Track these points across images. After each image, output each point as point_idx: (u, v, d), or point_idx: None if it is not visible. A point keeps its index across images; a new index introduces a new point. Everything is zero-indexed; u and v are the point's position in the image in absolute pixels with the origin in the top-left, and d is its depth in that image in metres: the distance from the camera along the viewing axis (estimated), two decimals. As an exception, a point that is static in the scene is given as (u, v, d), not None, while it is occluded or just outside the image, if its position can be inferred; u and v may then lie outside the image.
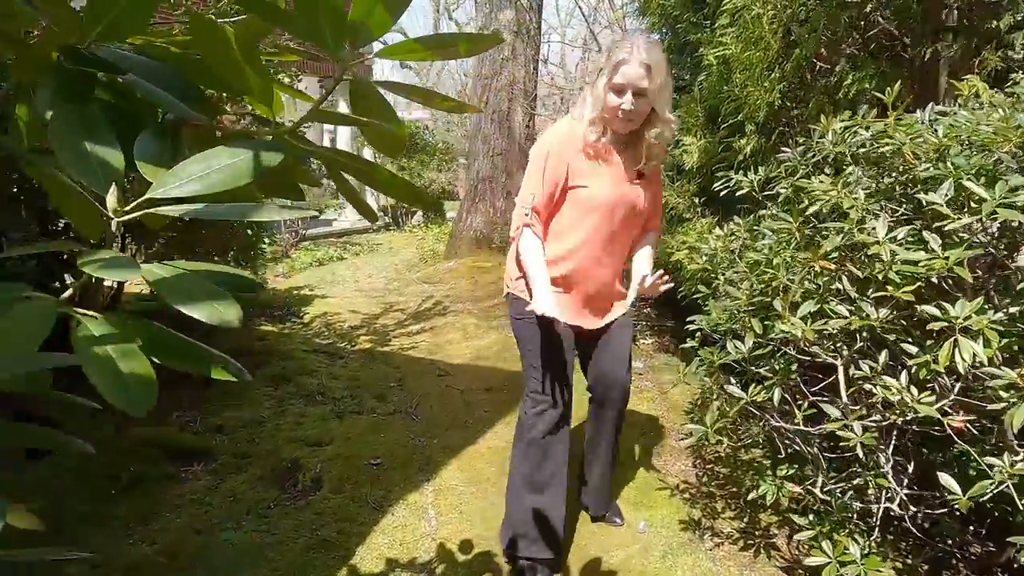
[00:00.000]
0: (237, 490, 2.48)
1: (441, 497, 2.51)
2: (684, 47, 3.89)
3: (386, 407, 3.34)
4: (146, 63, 0.72)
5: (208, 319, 0.49)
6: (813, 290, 1.71)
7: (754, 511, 2.34)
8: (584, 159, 1.87)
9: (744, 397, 1.76)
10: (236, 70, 0.70)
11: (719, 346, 2.16)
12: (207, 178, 0.59)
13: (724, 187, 2.40)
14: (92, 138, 0.57)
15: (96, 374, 0.45)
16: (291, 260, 7.53)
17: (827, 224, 1.73)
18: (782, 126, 2.75)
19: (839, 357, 1.68)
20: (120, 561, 2.07)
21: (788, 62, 2.43)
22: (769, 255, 1.90)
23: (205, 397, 3.37)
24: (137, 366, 0.47)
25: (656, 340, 4.14)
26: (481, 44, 0.87)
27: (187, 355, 0.53)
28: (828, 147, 2.00)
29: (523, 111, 7.00)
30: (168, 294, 0.49)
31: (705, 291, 2.43)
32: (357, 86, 0.85)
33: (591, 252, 1.95)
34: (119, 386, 0.45)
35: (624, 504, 2.43)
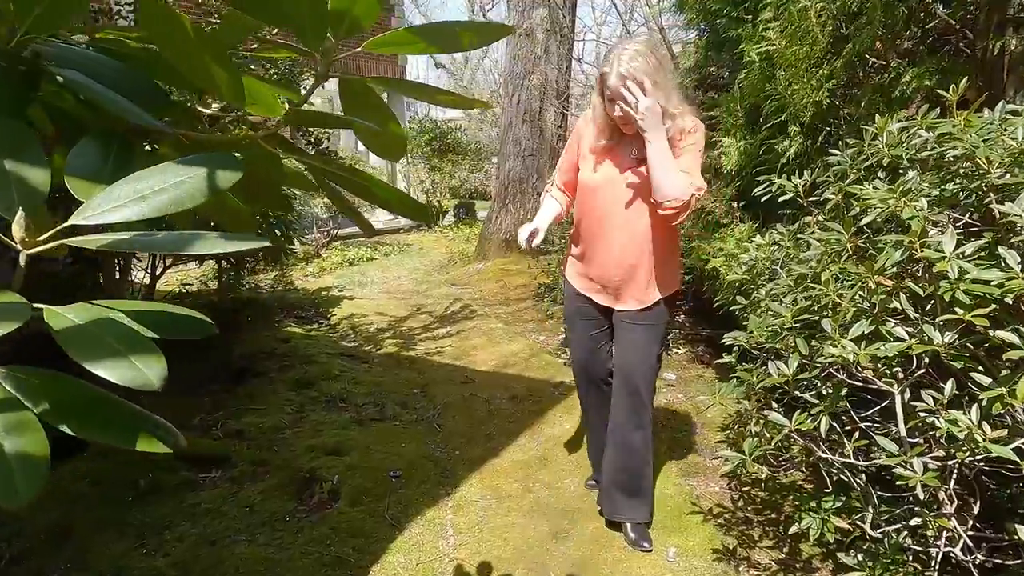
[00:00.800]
0: (253, 500, 2.42)
1: (461, 514, 2.41)
2: (723, 44, 3.70)
3: (408, 415, 3.25)
4: (98, 59, 0.62)
5: (121, 380, 0.39)
6: (866, 309, 1.54)
7: (795, 541, 2.17)
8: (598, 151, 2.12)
9: (787, 425, 1.61)
10: (196, 63, 0.60)
11: (759, 363, 2.00)
12: (149, 200, 0.49)
13: (765, 192, 2.23)
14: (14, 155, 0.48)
15: (-34, 453, 0.35)
16: (321, 260, 7.55)
17: (884, 236, 1.56)
18: (830, 127, 2.56)
19: (896, 384, 1.51)
20: (132, 573, 2.02)
21: (838, 58, 2.25)
22: (816, 268, 1.74)
23: (228, 400, 3.35)
24: (28, 444, 0.37)
25: (689, 350, 3.96)
26: (488, 35, 0.75)
27: (108, 422, 0.43)
28: (883, 150, 1.82)
29: (555, 111, 6.86)
30: (73, 348, 0.39)
31: (743, 302, 2.27)
32: (348, 84, 0.75)
33: (591, 229, 2.17)
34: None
35: (653, 528, 2.29)
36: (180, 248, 0.45)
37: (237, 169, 0.53)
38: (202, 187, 0.51)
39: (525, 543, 2.22)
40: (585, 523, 2.32)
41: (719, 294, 3.08)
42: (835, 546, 1.96)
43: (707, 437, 2.95)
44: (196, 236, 0.46)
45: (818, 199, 2.06)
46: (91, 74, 0.60)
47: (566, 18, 6.81)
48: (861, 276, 1.51)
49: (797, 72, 2.39)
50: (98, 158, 0.54)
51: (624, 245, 2.10)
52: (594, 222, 2.14)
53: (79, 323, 0.41)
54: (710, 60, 3.93)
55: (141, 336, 0.42)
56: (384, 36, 0.70)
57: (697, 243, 3.34)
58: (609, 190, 2.07)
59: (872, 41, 2.16)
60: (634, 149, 2.04)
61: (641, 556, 2.15)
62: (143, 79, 0.65)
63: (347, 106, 0.77)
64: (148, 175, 0.50)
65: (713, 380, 3.53)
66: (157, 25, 0.56)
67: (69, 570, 2.06)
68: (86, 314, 0.43)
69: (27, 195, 0.46)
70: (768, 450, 1.76)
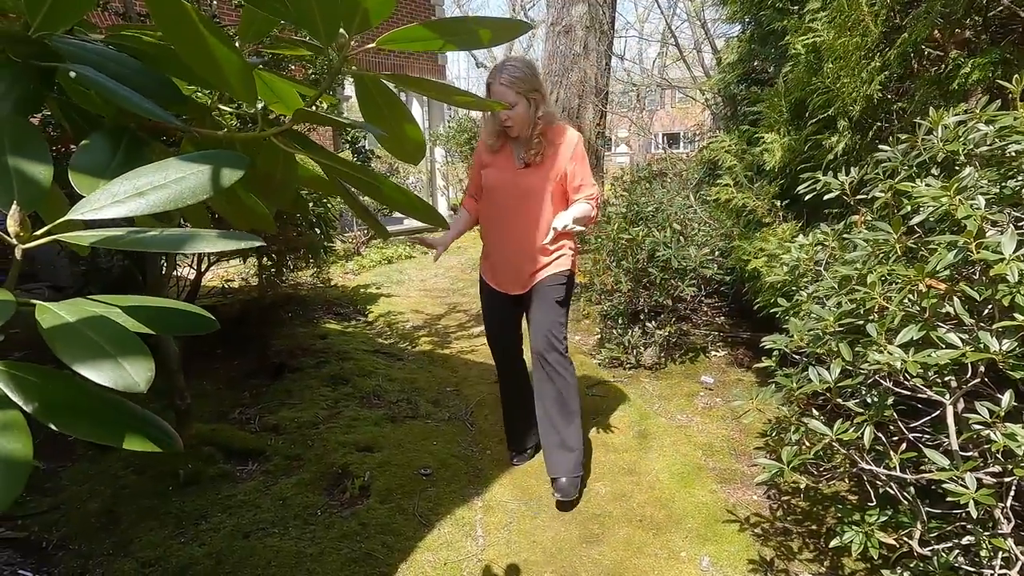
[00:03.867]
0: (286, 493, 2.46)
1: (490, 514, 2.39)
2: (767, 37, 3.58)
3: (441, 413, 3.26)
4: (112, 56, 0.62)
5: (105, 381, 0.38)
6: (916, 313, 1.46)
7: (837, 555, 2.08)
8: (489, 154, 2.45)
9: (829, 434, 1.53)
10: (208, 59, 0.59)
11: (799, 368, 1.92)
12: (148, 196, 0.48)
13: (810, 190, 2.14)
14: (16, 150, 0.48)
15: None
16: (361, 258, 7.66)
17: (937, 237, 1.47)
18: (880, 122, 2.44)
19: (947, 394, 1.42)
20: (170, 561, 2.08)
21: (891, 49, 2.13)
22: (862, 270, 1.65)
23: (266, 394, 3.42)
24: (10, 445, 0.36)
25: (728, 353, 3.85)
26: (506, 31, 0.72)
27: (98, 420, 0.42)
28: (937, 145, 1.72)
29: (594, 108, 6.78)
30: (59, 346, 0.38)
31: (784, 304, 2.18)
32: (363, 81, 0.73)
33: (492, 226, 2.50)
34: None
35: (686, 535, 2.23)
36: (174, 247, 0.44)
37: (240, 166, 0.52)
38: (204, 184, 0.50)
39: (555, 546, 2.19)
40: (616, 528, 2.28)
41: (760, 296, 2.97)
42: (880, 562, 1.86)
43: (745, 443, 2.86)
44: (191, 234, 0.45)
45: (866, 197, 1.96)
46: (106, 71, 0.60)
47: (606, 14, 6.73)
48: (911, 279, 1.42)
49: (847, 64, 2.28)
50: (105, 154, 0.54)
51: (525, 241, 2.39)
52: (491, 221, 2.49)
53: (69, 320, 0.41)
54: (754, 54, 3.80)
55: (131, 336, 0.41)
56: (400, 31, 0.68)
57: (738, 243, 3.24)
58: (502, 192, 2.40)
59: (929, 30, 2.04)
60: (521, 152, 2.36)
61: (674, 564, 2.10)
62: (157, 76, 0.65)
63: (363, 104, 0.75)
64: (148, 172, 0.49)
65: (753, 384, 3.42)
66: (165, 17, 0.56)
67: (112, 556, 2.13)
68: (78, 312, 0.42)
69: (27, 190, 0.46)
70: (808, 459, 1.68)
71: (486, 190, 2.46)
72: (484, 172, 2.46)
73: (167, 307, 0.51)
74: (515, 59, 2.33)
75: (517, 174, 2.38)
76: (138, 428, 0.43)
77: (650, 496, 2.47)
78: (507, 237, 2.44)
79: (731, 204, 3.23)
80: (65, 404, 0.41)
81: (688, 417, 3.14)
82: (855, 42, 2.20)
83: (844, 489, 2.41)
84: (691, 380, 3.56)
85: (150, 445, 0.43)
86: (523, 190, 2.37)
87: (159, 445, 0.44)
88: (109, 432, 0.42)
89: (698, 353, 3.86)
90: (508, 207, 2.41)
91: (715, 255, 3.60)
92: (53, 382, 0.42)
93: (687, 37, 13.76)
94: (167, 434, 0.45)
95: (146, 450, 0.43)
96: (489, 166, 2.45)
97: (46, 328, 0.40)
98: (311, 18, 0.62)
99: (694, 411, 3.20)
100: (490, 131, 2.40)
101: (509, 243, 2.44)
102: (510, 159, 2.40)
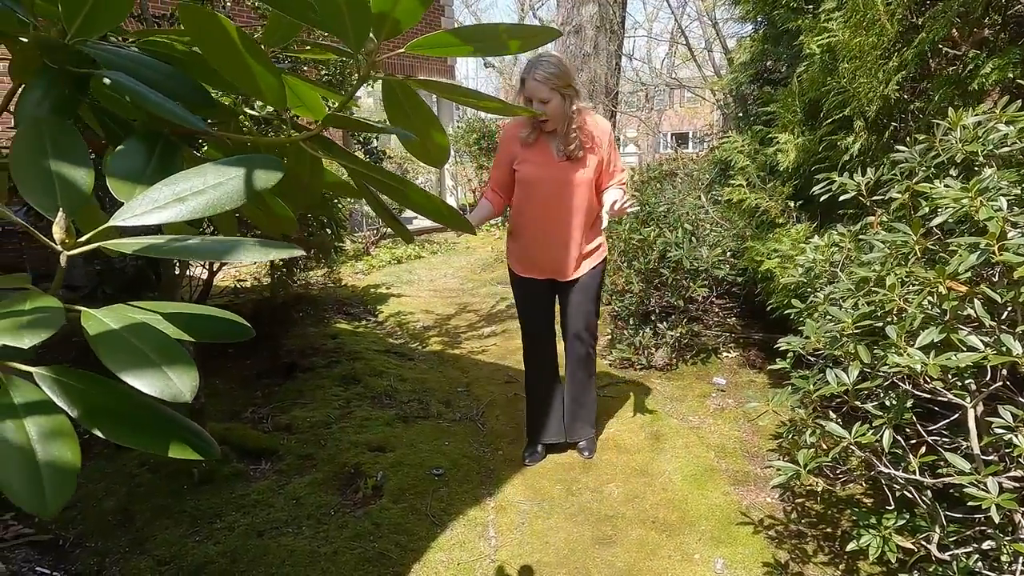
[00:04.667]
0: (300, 493, 2.47)
1: (503, 515, 2.39)
2: (781, 37, 3.56)
3: (452, 413, 3.26)
4: (145, 61, 0.63)
5: (153, 391, 0.38)
6: (936, 316, 1.44)
7: (853, 559, 2.06)
8: (521, 148, 2.44)
9: (847, 437, 1.52)
10: (239, 66, 0.60)
11: (815, 370, 1.91)
12: (188, 202, 0.48)
13: (825, 191, 2.13)
14: (59, 154, 0.48)
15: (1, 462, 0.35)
16: (370, 258, 7.68)
17: (957, 239, 1.46)
18: (897, 122, 2.42)
19: (968, 397, 1.41)
20: (186, 559, 2.09)
21: (908, 48, 2.11)
22: (880, 271, 1.64)
23: (278, 394, 3.44)
24: (60, 451, 0.37)
25: (740, 354, 3.83)
26: (535, 38, 0.73)
27: (142, 428, 0.42)
28: (956, 145, 1.70)
29: (604, 108, 6.76)
30: (107, 355, 0.39)
31: (799, 306, 2.17)
32: (390, 86, 0.73)
33: (533, 219, 2.51)
34: (27, 480, 0.35)
35: (700, 537, 2.22)
36: (218, 256, 0.45)
37: (276, 170, 0.52)
38: (241, 189, 0.50)
39: (568, 547, 2.19)
40: (629, 529, 2.27)
41: (773, 297, 2.96)
42: (897, 566, 1.85)
43: (758, 445, 2.84)
44: (234, 244, 0.45)
45: (882, 198, 1.95)
46: (138, 76, 0.60)
47: (616, 14, 6.70)
48: (931, 280, 1.41)
49: (863, 64, 2.27)
50: (141, 159, 0.54)
51: (567, 231, 2.47)
52: (531, 214, 2.50)
53: (114, 328, 0.41)
54: (767, 54, 3.78)
55: (175, 345, 0.42)
56: (428, 38, 0.69)
57: (750, 244, 3.23)
58: (542, 185, 2.43)
59: (947, 29, 2.02)
60: (560, 145, 2.40)
61: (688, 566, 2.09)
62: (188, 81, 0.65)
63: (389, 108, 0.76)
64: (187, 177, 0.49)
65: (765, 386, 3.41)
66: (197, 27, 0.56)
67: (128, 554, 2.15)
68: (122, 319, 0.42)
69: (70, 196, 0.47)
70: (824, 462, 1.67)
71: (523, 183, 2.46)
72: (519, 167, 2.45)
73: (205, 314, 0.51)
74: (548, 55, 2.33)
75: (558, 168, 2.41)
76: (180, 436, 0.44)
77: (663, 498, 2.46)
78: (550, 229, 2.48)
79: (744, 205, 3.21)
80: (109, 410, 0.42)
81: (700, 418, 3.13)
82: (871, 41, 2.18)
83: (859, 492, 2.39)
84: (703, 381, 3.54)
85: (193, 454, 0.44)
86: (566, 183, 2.41)
87: (201, 453, 0.44)
88: (154, 440, 0.42)
89: (709, 354, 3.84)
90: (550, 200, 2.44)
91: (727, 256, 3.59)
92: (97, 388, 0.43)
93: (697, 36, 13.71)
94: (207, 442, 0.45)
95: (189, 458, 0.44)
96: (525, 160, 2.44)
97: (92, 335, 0.40)
98: (341, 24, 0.62)
99: (706, 412, 3.19)
100: (524, 123, 2.42)
101: (553, 235, 2.49)
102: (547, 153, 2.41)
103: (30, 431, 0.37)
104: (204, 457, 0.44)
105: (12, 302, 0.39)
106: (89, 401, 0.41)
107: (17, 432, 0.37)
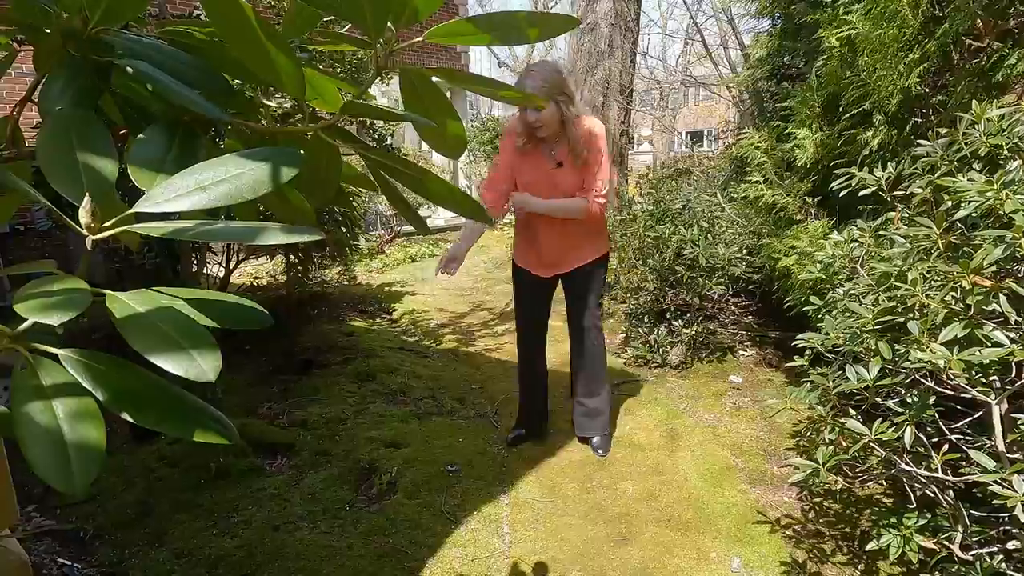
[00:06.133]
0: (315, 488, 2.49)
1: (516, 511, 2.39)
2: (799, 32, 3.52)
3: (466, 411, 3.27)
4: (166, 51, 0.63)
5: (178, 371, 0.38)
6: (960, 311, 1.42)
7: (872, 559, 2.03)
8: (518, 155, 2.52)
9: (867, 434, 1.50)
10: (260, 55, 0.60)
11: (834, 367, 1.88)
12: (209, 191, 0.49)
13: (844, 186, 2.10)
14: (84, 145, 0.49)
15: (30, 441, 0.35)
16: (385, 256, 7.72)
17: (981, 232, 1.43)
18: (917, 117, 2.38)
19: (993, 394, 1.38)
20: (203, 552, 2.12)
21: (930, 40, 2.08)
22: (902, 267, 1.61)
23: (294, 390, 3.47)
24: (87, 432, 0.37)
25: (757, 352, 3.80)
26: (554, 27, 0.72)
27: (167, 412, 0.42)
28: (980, 138, 1.67)
29: (619, 107, 6.73)
30: (134, 336, 0.39)
31: (817, 303, 2.15)
32: (408, 75, 0.73)
33: (535, 218, 2.59)
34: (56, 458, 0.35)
35: (716, 536, 2.20)
36: (244, 238, 0.45)
37: (296, 164, 0.52)
38: (262, 179, 0.50)
39: (582, 545, 2.18)
40: (645, 528, 2.26)
41: (790, 294, 2.92)
42: (918, 566, 1.82)
43: (775, 444, 2.82)
44: (260, 227, 0.46)
45: (903, 193, 1.92)
46: (159, 65, 0.61)
47: (631, 11, 6.67)
48: (954, 275, 1.39)
49: (883, 57, 2.23)
50: (161, 148, 0.55)
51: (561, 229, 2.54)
52: (533, 214, 2.57)
53: (140, 311, 0.41)
54: (784, 49, 3.74)
55: (199, 327, 0.42)
56: (445, 26, 0.68)
57: (767, 241, 3.19)
58: (537, 188, 2.50)
59: (971, 21, 1.98)
60: (552, 150, 2.47)
61: (704, 565, 2.07)
62: (209, 71, 0.65)
63: (407, 99, 0.75)
64: (209, 166, 0.50)
65: (782, 384, 3.37)
66: (220, 16, 0.56)
67: (147, 546, 2.17)
68: (148, 302, 0.43)
69: (95, 183, 0.47)
70: (844, 460, 1.65)
71: (522, 187, 2.55)
72: (517, 174, 2.54)
73: (226, 301, 0.51)
74: (541, 63, 2.41)
75: (551, 173, 2.49)
76: (203, 421, 0.44)
77: (679, 496, 2.44)
78: (547, 228, 2.58)
79: (760, 201, 3.18)
80: (135, 394, 0.42)
81: (716, 417, 3.10)
82: (892, 34, 2.15)
83: (879, 492, 2.36)
84: (719, 380, 3.51)
85: (217, 438, 0.44)
86: (559, 187, 2.49)
87: (223, 438, 0.44)
88: (179, 424, 0.43)
89: (725, 352, 3.81)
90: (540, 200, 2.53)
91: (744, 253, 3.55)
92: (123, 372, 0.43)
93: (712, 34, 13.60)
94: (228, 427, 0.46)
95: (214, 442, 0.44)
96: (521, 167, 2.53)
97: (119, 318, 0.40)
98: (360, 11, 0.62)
99: (722, 411, 3.16)
100: (520, 131, 2.48)
101: (550, 233, 2.58)
102: (541, 158, 2.49)
103: (58, 412, 0.37)
104: (226, 442, 0.45)
105: (40, 283, 0.39)
106: (115, 385, 0.41)
107: (45, 413, 0.37)
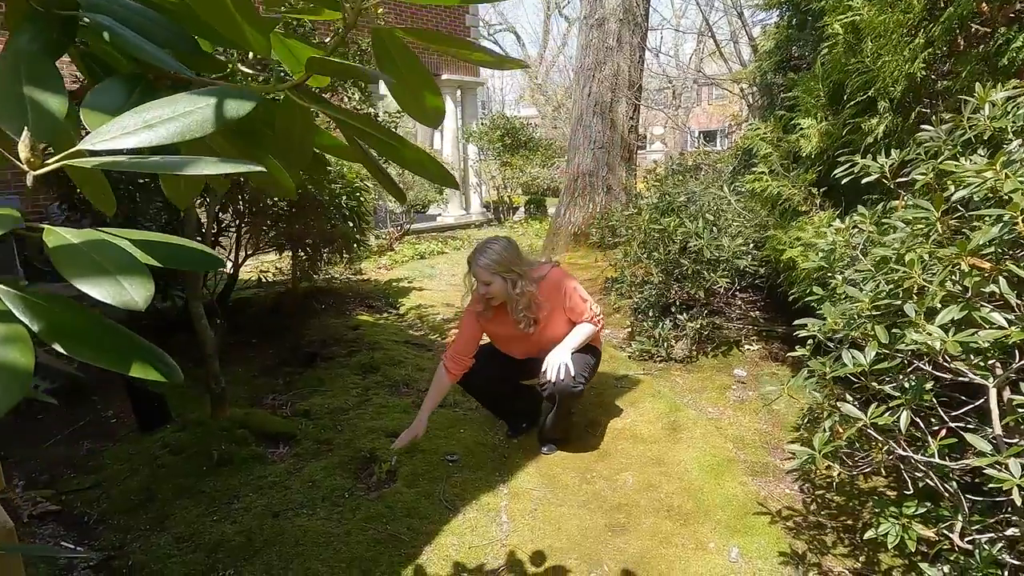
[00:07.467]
0: (316, 476, 2.50)
1: (515, 501, 2.38)
2: (805, 22, 3.48)
3: (468, 402, 3.26)
4: (134, 8, 0.64)
5: (104, 297, 0.39)
6: (958, 293, 1.39)
7: (873, 550, 2.00)
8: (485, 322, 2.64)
9: (862, 418, 1.48)
10: (225, 17, 0.60)
11: (833, 356, 1.86)
12: (156, 128, 0.49)
13: (847, 173, 2.07)
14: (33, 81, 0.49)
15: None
16: (394, 253, 7.75)
17: (980, 212, 1.40)
18: (923, 104, 2.35)
19: (991, 377, 1.36)
20: (204, 537, 2.14)
21: (935, 24, 2.05)
22: (900, 250, 1.59)
23: (299, 381, 3.49)
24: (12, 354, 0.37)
25: (763, 347, 3.76)
26: None
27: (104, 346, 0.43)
28: (984, 122, 1.65)
29: (627, 103, 6.71)
30: (63, 263, 0.39)
31: (820, 293, 2.12)
32: (380, 35, 0.73)
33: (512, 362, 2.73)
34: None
35: (715, 527, 2.18)
36: (176, 168, 0.45)
37: (248, 100, 0.52)
38: (211, 117, 0.50)
39: (580, 534, 2.17)
40: (643, 518, 2.24)
41: (795, 286, 2.89)
42: (918, 557, 1.79)
43: (778, 437, 2.79)
44: (191, 159, 0.46)
45: (906, 180, 1.89)
46: (127, 23, 0.61)
47: (640, 7, 6.64)
48: (952, 257, 1.36)
49: (888, 42, 2.20)
50: (119, 96, 0.55)
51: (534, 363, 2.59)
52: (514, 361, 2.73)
53: (74, 242, 0.42)
54: (792, 40, 3.70)
55: (133, 259, 0.42)
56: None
57: (773, 233, 3.16)
58: (515, 345, 2.67)
59: (977, 4, 1.95)
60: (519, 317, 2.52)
61: (702, 554, 2.05)
62: (178, 30, 0.66)
63: (380, 62, 0.75)
64: (158, 105, 0.50)
65: (787, 377, 3.32)
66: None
67: (148, 531, 2.20)
68: (83, 236, 0.43)
69: (41, 119, 0.47)
70: (841, 446, 1.62)
71: (503, 345, 2.71)
72: (492, 335, 2.71)
73: (174, 243, 0.51)
74: (492, 242, 2.49)
75: (525, 336, 2.59)
76: (144, 358, 0.44)
77: (679, 487, 2.42)
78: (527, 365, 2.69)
79: (766, 193, 3.14)
80: (72, 328, 0.42)
81: (720, 410, 3.08)
82: (896, 19, 2.12)
83: (882, 484, 2.32)
84: (723, 374, 3.48)
85: (155, 374, 0.44)
86: (536, 345, 2.60)
87: (164, 376, 0.44)
88: (114, 358, 0.43)
89: (731, 347, 3.78)
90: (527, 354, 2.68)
91: (749, 246, 3.52)
92: (61, 306, 0.43)
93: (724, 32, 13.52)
94: (170, 367, 0.46)
95: (150, 378, 0.44)
96: (494, 328, 2.67)
97: (51, 247, 0.41)
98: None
99: (726, 404, 3.14)
100: (477, 299, 2.58)
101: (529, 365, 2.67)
102: (510, 323, 2.57)
103: (-10, 336, 0.38)
104: (167, 380, 0.45)
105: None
106: (51, 318, 0.42)
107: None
